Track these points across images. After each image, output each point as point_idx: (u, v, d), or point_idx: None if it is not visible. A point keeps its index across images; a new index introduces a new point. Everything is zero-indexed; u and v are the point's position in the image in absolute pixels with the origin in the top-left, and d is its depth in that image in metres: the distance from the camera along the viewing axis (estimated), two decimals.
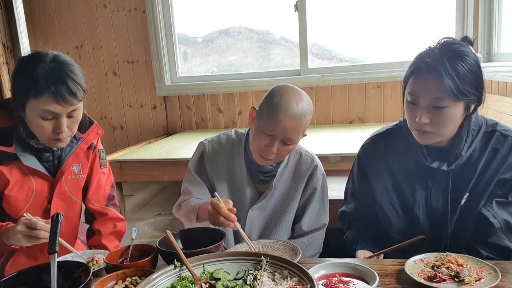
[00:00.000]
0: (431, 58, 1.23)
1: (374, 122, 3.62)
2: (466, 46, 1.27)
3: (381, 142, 1.48)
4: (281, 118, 1.39)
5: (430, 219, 1.39)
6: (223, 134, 1.65)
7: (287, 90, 1.46)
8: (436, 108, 1.24)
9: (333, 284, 1.07)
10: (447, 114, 1.24)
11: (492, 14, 3.01)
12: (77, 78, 1.37)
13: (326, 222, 1.62)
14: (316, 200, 1.59)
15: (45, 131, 1.37)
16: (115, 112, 4.17)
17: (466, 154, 1.32)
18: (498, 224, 1.30)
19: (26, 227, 1.27)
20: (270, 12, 3.89)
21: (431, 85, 1.22)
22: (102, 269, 1.24)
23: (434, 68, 1.21)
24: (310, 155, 1.62)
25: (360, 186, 1.54)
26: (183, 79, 4.05)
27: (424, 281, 1.06)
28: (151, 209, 3.22)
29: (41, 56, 1.36)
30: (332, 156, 2.55)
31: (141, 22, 3.94)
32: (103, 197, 1.69)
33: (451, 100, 1.22)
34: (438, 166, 1.33)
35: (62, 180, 1.54)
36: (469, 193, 1.34)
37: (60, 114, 1.35)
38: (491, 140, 1.33)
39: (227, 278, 1.09)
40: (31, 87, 1.31)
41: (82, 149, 1.58)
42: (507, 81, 2.58)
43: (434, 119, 1.25)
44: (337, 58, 3.97)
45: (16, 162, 1.44)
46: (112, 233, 1.70)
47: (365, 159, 1.52)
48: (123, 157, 3.03)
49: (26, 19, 4.09)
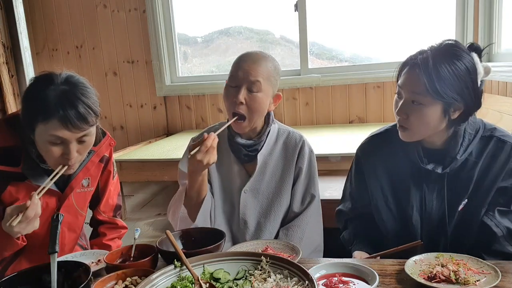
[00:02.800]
0: (420, 54, 1.27)
1: (374, 122, 3.62)
2: (465, 52, 1.26)
3: (378, 143, 1.49)
4: (241, 64, 1.49)
5: (425, 222, 1.39)
6: (208, 127, 1.69)
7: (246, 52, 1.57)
8: (413, 103, 1.27)
9: (333, 284, 1.07)
10: (422, 112, 1.26)
11: (492, 15, 3.01)
12: (89, 102, 1.27)
13: (316, 194, 1.61)
14: (304, 178, 1.60)
15: (54, 156, 1.29)
16: (115, 112, 4.16)
17: (461, 158, 1.31)
18: (500, 232, 1.30)
19: (16, 208, 1.18)
20: (270, 12, 3.89)
21: (411, 80, 1.26)
22: (102, 269, 1.24)
23: (417, 65, 1.25)
24: (298, 132, 1.65)
25: (357, 186, 1.54)
26: (183, 79, 4.05)
27: (424, 281, 1.06)
28: (151, 209, 3.22)
29: (53, 77, 1.28)
30: (332, 156, 2.54)
31: (141, 22, 3.94)
32: (111, 207, 1.68)
33: (428, 98, 1.24)
34: (433, 168, 1.33)
35: (71, 194, 1.49)
36: (468, 199, 1.34)
37: (69, 140, 1.27)
38: (488, 145, 1.33)
39: (227, 278, 1.09)
40: (39, 110, 1.23)
41: (93, 163, 1.52)
42: (507, 81, 2.58)
43: (411, 114, 1.29)
44: (337, 58, 3.97)
45: (25, 182, 1.38)
46: (116, 237, 1.71)
47: (362, 159, 1.52)
48: (123, 157, 3.03)
49: (26, 19, 4.08)
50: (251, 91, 1.47)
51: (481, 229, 1.33)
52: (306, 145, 1.61)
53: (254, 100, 1.48)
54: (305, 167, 1.59)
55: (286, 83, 3.73)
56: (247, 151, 1.57)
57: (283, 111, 3.81)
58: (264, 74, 1.48)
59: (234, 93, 1.48)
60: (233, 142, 1.58)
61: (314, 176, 1.62)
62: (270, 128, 1.59)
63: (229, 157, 1.60)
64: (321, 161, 2.56)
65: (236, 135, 1.57)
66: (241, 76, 1.47)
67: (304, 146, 1.60)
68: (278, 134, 1.62)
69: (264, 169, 1.58)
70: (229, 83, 1.52)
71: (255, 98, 1.48)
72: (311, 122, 3.77)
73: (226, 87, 1.53)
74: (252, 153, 1.57)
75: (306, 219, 1.57)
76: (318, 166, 1.65)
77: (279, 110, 3.80)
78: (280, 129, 1.64)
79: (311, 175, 1.61)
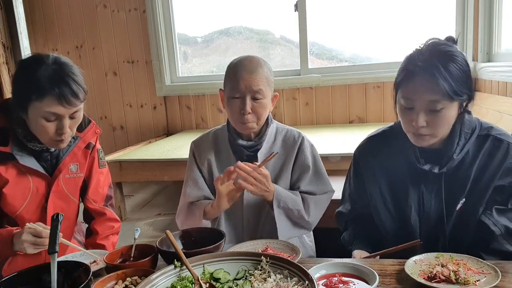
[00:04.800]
0: (423, 61, 1.23)
1: (374, 122, 3.62)
2: (453, 46, 1.27)
3: (376, 144, 1.49)
4: (240, 74, 1.50)
5: (423, 222, 1.39)
6: (208, 130, 1.74)
7: (238, 58, 1.58)
8: (432, 110, 1.24)
9: (333, 284, 1.07)
10: (443, 115, 1.25)
11: (492, 14, 3.01)
12: (78, 79, 1.39)
13: (327, 189, 1.65)
14: (311, 177, 1.62)
15: (48, 132, 1.39)
16: (115, 112, 4.16)
17: (458, 157, 1.31)
18: (498, 231, 1.30)
19: (31, 236, 1.30)
20: (270, 12, 3.89)
21: (426, 88, 1.22)
22: (102, 269, 1.24)
23: (428, 71, 1.21)
24: (296, 130, 1.67)
25: (356, 187, 1.55)
26: (183, 79, 4.05)
27: (424, 281, 1.06)
28: (151, 209, 3.22)
29: (43, 58, 1.37)
30: (332, 156, 2.54)
31: (141, 22, 3.94)
32: (101, 197, 1.70)
33: (447, 101, 1.23)
34: (430, 168, 1.33)
35: (60, 178, 1.54)
36: (465, 198, 1.34)
37: (63, 115, 1.37)
38: (485, 144, 1.33)
39: (227, 278, 1.09)
40: (33, 89, 1.33)
41: (79, 148, 1.58)
42: (507, 81, 2.58)
43: (431, 121, 1.25)
44: (337, 58, 3.97)
45: (13, 162, 1.45)
46: (109, 234, 1.71)
47: (360, 160, 1.52)
48: (123, 157, 3.03)
49: (26, 19, 4.09)
50: (256, 99, 1.51)
51: (479, 228, 1.33)
52: (306, 141, 1.64)
53: (259, 107, 1.52)
54: (311, 161, 1.62)
55: (286, 83, 3.73)
56: (249, 152, 1.60)
57: (283, 111, 3.81)
58: (264, 81, 1.52)
59: (239, 104, 1.51)
60: (234, 144, 1.61)
61: (322, 172, 1.66)
62: (269, 128, 1.62)
63: (230, 157, 1.62)
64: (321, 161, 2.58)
65: (236, 137, 1.60)
66: (243, 86, 1.49)
67: (303, 142, 1.63)
68: (277, 132, 1.65)
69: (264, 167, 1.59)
70: (230, 95, 1.53)
71: (260, 105, 1.52)
72: (311, 122, 3.77)
73: (229, 99, 1.54)
74: (253, 153, 1.60)
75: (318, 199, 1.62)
76: None
77: (279, 110, 3.80)
78: (278, 127, 1.67)
79: (316, 172, 1.64)
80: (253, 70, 1.51)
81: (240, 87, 1.50)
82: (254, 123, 1.54)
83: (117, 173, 2.86)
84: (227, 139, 1.64)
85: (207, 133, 1.72)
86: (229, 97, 1.55)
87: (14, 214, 1.49)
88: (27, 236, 1.30)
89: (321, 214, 1.65)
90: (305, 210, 1.58)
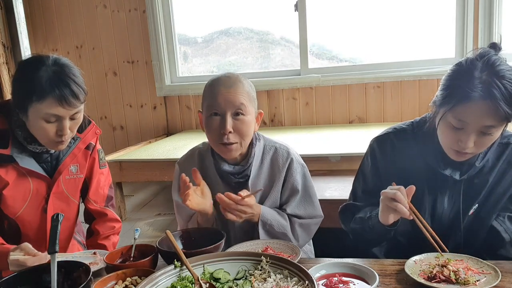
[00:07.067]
0: (483, 83, 1.15)
1: (374, 122, 3.62)
2: (500, 57, 1.20)
3: (396, 140, 1.42)
4: (218, 89, 1.38)
5: (435, 225, 1.37)
6: (192, 148, 1.60)
7: (215, 77, 1.46)
8: (483, 133, 1.19)
9: (333, 284, 1.07)
10: (493, 137, 1.21)
11: (492, 14, 3.01)
12: (79, 81, 1.38)
13: (316, 214, 1.52)
14: (299, 200, 1.51)
15: (48, 133, 1.38)
16: (115, 112, 4.17)
17: (480, 165, 1.30)
18: (508, 238, 1.31)
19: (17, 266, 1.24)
20: (270, 12, 3.89)
21: (484, 113, 1.15)
22: (102, 269, 1.24)
23: (489, 95, 1.13)
24: (285, 147, 1.53)
25: (374, 181, 1.45)
26: (183, 79, 4.05)
27: (424, 281, 1.06)
28: (151, 209, 3.23)
29: (43, 59, 1.36)
30: (332, 156, 2.54)
31: (141, 22, 3.94)
32: (102, 197, 1.70)
33: (503, 122, 1.18)
34: (450, 174, 1.31)
35: (60, 179, 1.54)
36: (478, 204, 1.34)
37: (63, 116, 1.37)
38: (505, 152, 1.32)
39: (227, 278, 1.09)
40: (33, 90, 1.32)
41: (79, 149, 1.58)
42: None
43: (479, 142, 1.21)
44: (337, 58, 3.97)
45: (13, 164, 1.44)
46: (110, 234, 1.71)
47: (378, 153, 1.44)
48: (123, 157, 3.03)
49: (26, 19, 4.09)
50: (237, 115, 1.38)
51: (490, 233, 1.33)
52: (295, 162, 1.51)
53: (242, 124, 1.38)
54: (300, 185, 1.51)
55: (286, 83, 3.73)
56: (237, 179, 1.48)
57: (283, 111, 3.81)
58: (245, 95, 1.39)
59: (219, 123, 1.37)
60: (220, 170, 1.48)
61: (311, 194, 1.54)
62: (255, 148, 1.49)
63: (218, 183, 1.49)
64: (321, 161, 2.57)
65: (221, 162, 1.47)
66: (222, 102, 1.36)
67: (292, 163, 1.50)
68: (264, 151, 1.51)
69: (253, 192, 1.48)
70: (208, 112, 1.39)
71: (243, 122, 1.38)
72: (311, 122, 3.77)
73: (207, 118, 1.41)
74: (242, 179, 1.48)
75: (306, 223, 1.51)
76: (318, 166, 1.63)
77: (279, 110, 3.81)
78: (266, 145, 1.53)
79: (305, 195, 1.52)
80: (231, 84, 1.38)
81: (218, 102, 1.36)
82: (237, 145, 1.39)
83: (117, 173, 2.86)
84: (212, 163, 1.50)
85: (191, 154, 1.58)
86: (207, 116, 1.40)
87: (15, 215, 1.49)
88: (13, 267, 1.25)
89: (309, 239, 1.57)
90: (292, 233, 1.48)
